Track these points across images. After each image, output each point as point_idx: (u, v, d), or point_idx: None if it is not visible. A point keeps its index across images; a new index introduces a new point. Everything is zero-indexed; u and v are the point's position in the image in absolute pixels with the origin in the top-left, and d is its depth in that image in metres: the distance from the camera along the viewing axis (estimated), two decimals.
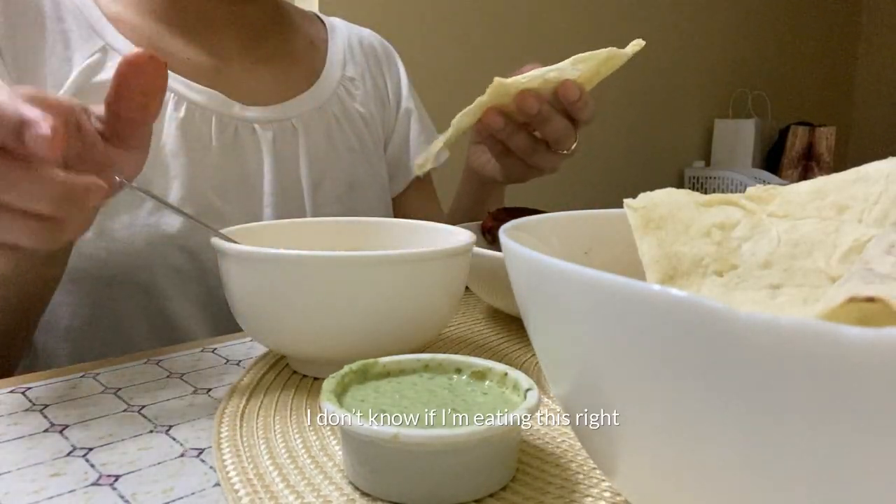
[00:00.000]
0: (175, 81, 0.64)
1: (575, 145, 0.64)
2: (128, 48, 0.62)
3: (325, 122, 0.73)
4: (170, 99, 0.63)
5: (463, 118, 0.57)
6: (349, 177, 0.74)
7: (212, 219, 0.60)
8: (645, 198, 0.29)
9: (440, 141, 0.58)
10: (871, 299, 0.17)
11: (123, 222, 0.59)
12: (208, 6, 0.68)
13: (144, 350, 0.61)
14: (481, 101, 0.57)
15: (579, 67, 0.56)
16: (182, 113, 0.63)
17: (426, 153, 0.58)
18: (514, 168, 0.67)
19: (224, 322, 0.64)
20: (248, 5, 0.71)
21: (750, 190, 0.30)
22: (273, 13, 0.75)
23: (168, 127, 0.63)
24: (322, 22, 0.83)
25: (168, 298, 0.62)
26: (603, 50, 0.56)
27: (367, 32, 0.87)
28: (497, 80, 0.55)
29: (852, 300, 0.17)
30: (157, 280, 0.61)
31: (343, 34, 0.82)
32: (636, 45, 0.56)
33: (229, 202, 0.65)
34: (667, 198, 0.29)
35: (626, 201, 0.30)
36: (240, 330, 0.53)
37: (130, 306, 0.61)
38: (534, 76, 0.55)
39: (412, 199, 0.86)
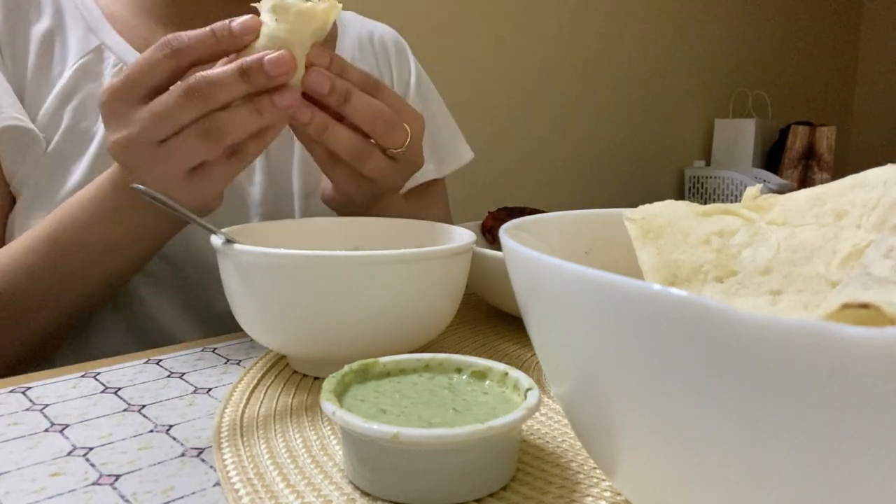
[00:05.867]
0: None
1: (408, 141, 0.51)
2: (124, 48, 0.62)
3: None
4: None
5: None
6: None
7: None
8: (643, 209, 0.30)
9: None
10: (865, 305, 0.17)
11: None
12: (206, 6, 0.67)
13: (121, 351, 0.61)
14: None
15: (283, 23, 0.44)
16: None
17: None
18: (343, 180, 0.53)
19: (202, 326, 0.63)
20: (247, 5, 0.70)
21: (748, 194, 0.30)
22: None
23: None
24: None
25: (145, 303, 0.60)
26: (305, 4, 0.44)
27: (380, 27, 0.82)
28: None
29: (847, 307, 0.17)
30: (134, 283, 0.60)
31: (354, 30, 0.78)
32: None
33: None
34: (665, 208, 0.30)
35: (625, 212, 0.30)
36: (229, 331, 0.53)
37: (109, 307, 0.60)
38: None
39: (418, 202, 0.80)
